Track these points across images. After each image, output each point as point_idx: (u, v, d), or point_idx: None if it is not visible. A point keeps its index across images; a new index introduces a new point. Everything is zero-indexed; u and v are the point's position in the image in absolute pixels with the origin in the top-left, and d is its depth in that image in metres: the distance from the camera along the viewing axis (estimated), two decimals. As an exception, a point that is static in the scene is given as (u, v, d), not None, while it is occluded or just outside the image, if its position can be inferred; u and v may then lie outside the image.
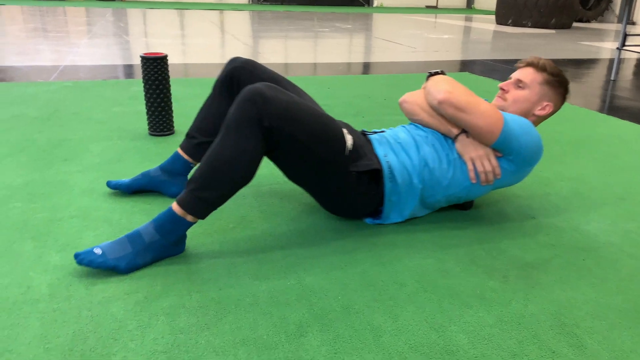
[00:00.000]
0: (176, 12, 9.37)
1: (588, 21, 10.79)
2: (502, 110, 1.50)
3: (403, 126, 1.55)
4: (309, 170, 1.31)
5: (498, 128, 1.36)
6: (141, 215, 1.47)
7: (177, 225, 1.21)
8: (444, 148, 1.44)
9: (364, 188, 1.38)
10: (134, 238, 1.20)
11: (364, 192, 1.39)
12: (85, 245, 1.30)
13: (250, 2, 12.96)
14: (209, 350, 0.96)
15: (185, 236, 1.26)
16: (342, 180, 1.34)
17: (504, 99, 1.51)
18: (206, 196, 1.20)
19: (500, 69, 4.38)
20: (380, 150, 1.44)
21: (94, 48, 4.58)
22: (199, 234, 1.38)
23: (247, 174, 1.21)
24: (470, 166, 1.42)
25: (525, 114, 1.50)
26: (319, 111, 1.30)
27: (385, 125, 2.51)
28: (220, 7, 11.07)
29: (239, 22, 7.76)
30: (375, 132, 1.53)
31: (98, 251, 1.17)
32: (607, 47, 6.49)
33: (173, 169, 1.58)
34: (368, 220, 1.49)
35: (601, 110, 3.03)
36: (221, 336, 1.00)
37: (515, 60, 4.98)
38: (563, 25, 8.89)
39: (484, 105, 1.37)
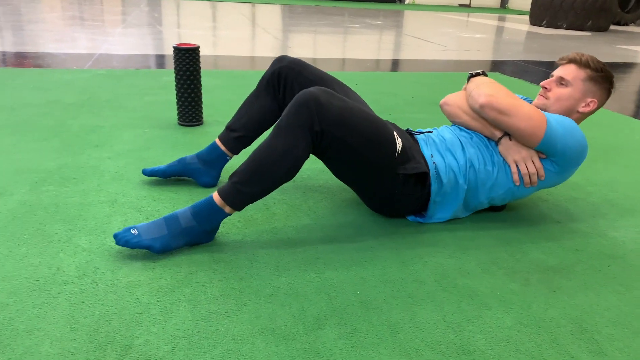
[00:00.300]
0: (209, 4, 9.48)
1: (626, 24, 10.44)
2: (545, 109, 1.48)
3: (447, 127, 1.54)
4: (357, 172, 1.34)
5: (541, 130, 1.34)
6: (167, 203, 1.51)
7: (215, 214, 1.25)
8: (488, 150, 1.44)
9: (410, 189, 1.39)
10: (171, 221, 1.24)
11: (410, 193, 1.40)
12: (113, 229, 1.34)
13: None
14: (228, 338, 0.98)
15: (218, 226, 1.29)
16: (389, 182, 1.36)
17: (546, 98, 1.48)
18: (247, 190, 1.24)
19: (532, 71, 4.30)
20: (427, 151, 1.44)
21: (128, 37, 4.67)
22: (222, 224, 1.41)
23: (289, 175, 1.25)
24: (513, 168, 1.41)
25: (569, 111, 1.46)
26: (371, 115, 1.32)
27: (411, 123, 2.49)
28: (252, 0, 11.14)
29: (270, 16, 7.80)
30: (422, 132, 1.53)
31: (134, 231, 1.21)
32: (645, 51, 6.28)
33: (209, 158, 1.61)
34: (410, 218, 1.49)
35: (636, 116, 2.95)
36: (240, 325, 1.02)
37: (548, 62, 4.87)
38: (599, 27, 8.63)
39: (526, 108, 1.35)
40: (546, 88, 1.48)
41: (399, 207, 1.44)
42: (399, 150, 1.35)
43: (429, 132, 1.52)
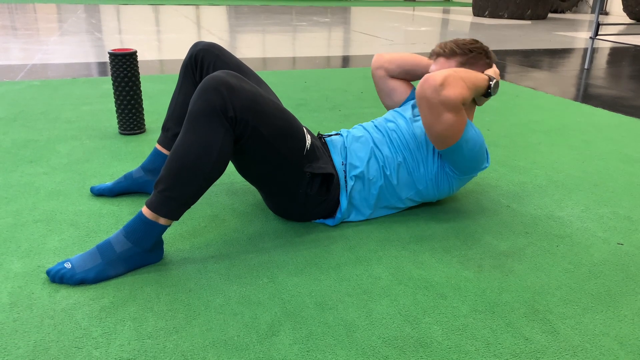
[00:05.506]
0: (151, 7, 9.20)
1: (563, 12, 10.90)
2: None
3: (361, 125, 1.52)
4: (266, 166, 1.25)
5: (461, 131, 1.30)
6: (109, 217, 1.43)
7: (150, 230, 1.15)
8: (396, 150, 1.41)
9: (315, 191, 1.33)
10: (104, 248, 1.15)
11: (314, 195, 1.34)
12: (49, 250, 1.25)
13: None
14: (177, 355, 0.92)
15: (161, 242, 1.20)
16: (294, 179, 1.29)
17: None
18: (176, 196, 1.14)
19: (476, 60, 4.38)
20: (337, 156, 1.41)
21: (65, 45, 4.46)
22: (168, 234, 1.34)
23: (218, 168, 1.14)
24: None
25: None
26: (282, 106, 1.27)
27: (361, 118, 2.49)
28: (195, 2, 10.91)
29: (215, 17, 7.66)
30: (330, 135, 1.49)
31: (68, 265, 1.12)
32: (581, 37, 6.57)
33: (155, 167, 1.53)
34: (318, 221, 1.43)
35: (575, 98, 3.06)
36: (190, 339, 0.97)
37: (493, 51, 5.00)
38: (539, 16, 8.97)
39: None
40: None
41: (301, 209, 1.37)
42: (308, 147, 1.29)
43: (338, 134, 1.49)
